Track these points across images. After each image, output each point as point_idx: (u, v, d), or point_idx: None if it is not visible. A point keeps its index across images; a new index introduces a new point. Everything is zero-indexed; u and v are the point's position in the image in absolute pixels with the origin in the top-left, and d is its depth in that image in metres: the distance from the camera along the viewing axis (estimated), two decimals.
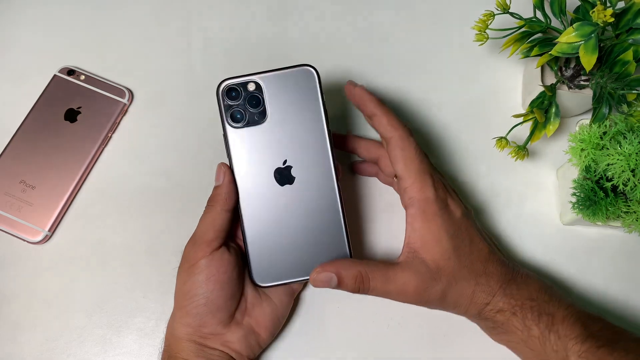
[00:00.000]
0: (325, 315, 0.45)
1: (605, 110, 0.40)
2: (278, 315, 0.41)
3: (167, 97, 0.52)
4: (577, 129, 0.42)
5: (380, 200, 0.47)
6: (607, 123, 0.40)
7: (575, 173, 0.42)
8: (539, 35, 0.43)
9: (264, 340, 0.40)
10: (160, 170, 0.49)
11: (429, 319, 0.44)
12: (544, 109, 0.43)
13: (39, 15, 0.55)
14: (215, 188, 0.39)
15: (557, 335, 0.36)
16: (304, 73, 0.39)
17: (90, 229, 0.47)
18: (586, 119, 0.43)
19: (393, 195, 0.46)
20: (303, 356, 0.44)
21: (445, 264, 0.37)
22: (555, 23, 0.43)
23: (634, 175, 0.37)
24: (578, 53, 0.38)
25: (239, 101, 0.39)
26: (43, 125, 0.49)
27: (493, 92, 0.51)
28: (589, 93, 0.44)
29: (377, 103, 0.40)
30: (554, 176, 0.48)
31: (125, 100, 0.50)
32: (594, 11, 0.37)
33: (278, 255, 0.39)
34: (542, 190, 0.48)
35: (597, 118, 0.41)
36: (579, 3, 0.41)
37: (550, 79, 0.45)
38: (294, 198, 0.39)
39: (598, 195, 0.40)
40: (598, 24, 0.37)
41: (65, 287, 0.46)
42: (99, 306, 0.45)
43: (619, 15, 0.40)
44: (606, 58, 0.41)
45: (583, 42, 0.38)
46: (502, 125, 0.47)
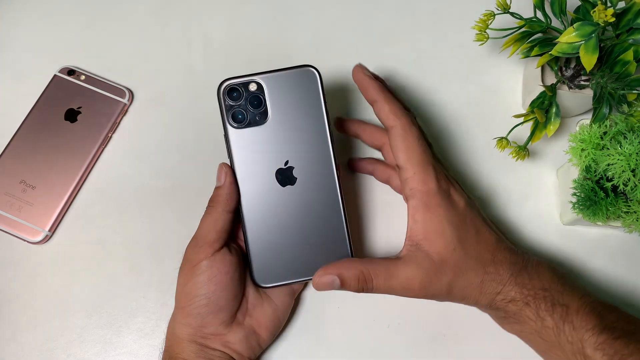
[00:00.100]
0: (326, 315, 0.45)
1: (605, 110, 0.40)
2: (279, 315, 0.41)
3: (167, 97, 0.52)
4: (578, 129, 0.42)
5: (379, 199, 0.47)
6: (608, 123, 0.40)
7: (575, 173, 0.42)
8: (539, 35, 0.43)
9: (264, 341, 0.40)
10: (160, 170, 0.49)
11: (429, 319, 0.44)
12: (544, 109, 0.43)
13: (39, 15, 0.55)
14: (217, 189, 0.39)
15: (572, 326, 0.35)
16: (305, 73, 0.38)
17: (90, 229, 0.47)
18: (586, 119, 0.43)
19: (390, 194, 0.46)
20: (303, 356, 0.44)
21: (450, 256, 0.37)
22: (556, 23, 0.43)
23: (634, 175, 0.37)
24: (578, 53, 0.38)
25: (240, 101, 0.38)
26: (43, 125, 0.49)
27: (493, 92, 0.51)
28: (589, 93, 0.44)
29: (379, 89, 0.39)
30: (554, 176, 0.48)
31: (125, 100, 0.50)
32: (595, 11, 0.37)
33: (279, 256, 0.39)
34: (542, 190, 0.48)
35: (598, 118, 0.41)
36: (580, 3, 0.41)
37: (551, 79, 0.45)
38: (296, 199, 0.39)
39: (598, 195, 0.40)
40: (598, 24, 0.37)
41: (65, 287, 0.46)
42: (99, 306, 0.45)
43: (620, 15, 0.40)
44: (606, 58, 0.41)
45: (583, 42, 0.38)
46: (502, 125, 0.47)
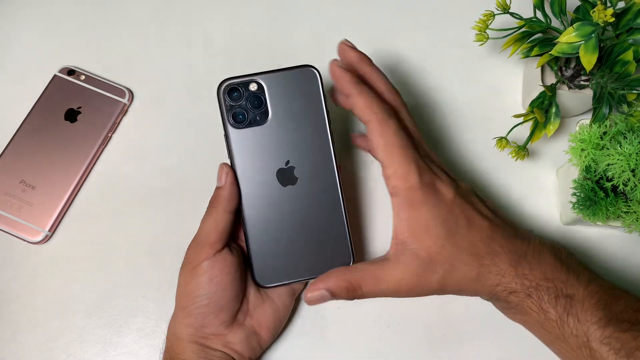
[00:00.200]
0: (326, 315, 0.45)
1: (605, 110, 0.40)
2: (279, 316, 0.41)
3: (167, 97, 0.52)
4: (577, 129, 0.42)
5: (380, 198, 0.47)
6: (607, 123, 0.40)
7: (575, 173, 0.42)
8: (539, 35, 0.43)
9: (265, 341, 0.40)
10: (160, 170, 0.49)
11: (430, 319, 0.44)
12: (544, 109, 0.44)
13: (39, 15, 0.55)
14: (217, 189, 0.39)
15: (577, 319, 0.34)
16: (306, 73, 0.38)
17: (90, 229, 0.47)
18: (586, 119, 0.43)
19: None
20: (303, 356, 0.44)
21: (439, 252, 0.35)
22: (556, 23, 0.43)
23: (634, 175, 0.37)
24: (578, 53, 0.38)
25: (241, 101, 0.38)
26: (43, 125, 0.49)
27: (493, 92, 0.51)
28: (589, 93, 0.44)
29: (353, 82, 0.37)
30: (554, 176, 0.48)
31: (125, 100, 0.50)
32: (595, 11, 0.37)
33: (280, 256, 0.39)
34: (542, 190, 0.48)
35: (597, 118, 0.41)
36: (579, 3, 0.41)
37: (551, 79, 0.45)
38: (297, 199, 0.39)
39: (598, 195, 0.40)
40: (598, 24, 0.37)
41: (65, 287, 0.46)
42: (99, 306, 0.45)
43: (620, 15, 0.40)
44: (606, 58, 0.41)
45: (583, 42, 0.38)
46: (502, 125, 0.47)
